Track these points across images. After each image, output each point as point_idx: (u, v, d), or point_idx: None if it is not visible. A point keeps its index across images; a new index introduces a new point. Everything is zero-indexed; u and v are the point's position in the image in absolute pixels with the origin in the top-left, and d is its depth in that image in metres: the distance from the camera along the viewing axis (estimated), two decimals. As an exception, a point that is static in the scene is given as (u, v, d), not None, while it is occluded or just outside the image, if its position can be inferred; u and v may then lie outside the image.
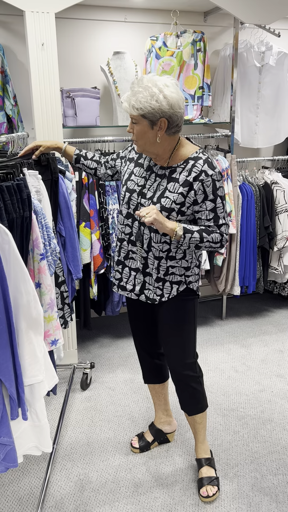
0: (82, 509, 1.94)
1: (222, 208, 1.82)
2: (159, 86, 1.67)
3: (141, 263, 1.90)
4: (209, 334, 3.40)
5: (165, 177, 1.83)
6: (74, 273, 2.19)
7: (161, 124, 1.71)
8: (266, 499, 1.97)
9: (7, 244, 1.34)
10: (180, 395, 2.06)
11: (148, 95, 1.66)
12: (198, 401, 2.04)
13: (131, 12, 3.15)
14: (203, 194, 1.78)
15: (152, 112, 1.67)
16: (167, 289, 1.90)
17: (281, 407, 2.57)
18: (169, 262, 1.87)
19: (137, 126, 1.74)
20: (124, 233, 1.94)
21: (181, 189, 1.78)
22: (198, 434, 2.10)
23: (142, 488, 2.04)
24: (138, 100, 1.67)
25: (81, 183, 2.79)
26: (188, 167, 1.79)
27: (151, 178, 1.86)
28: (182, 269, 1.90)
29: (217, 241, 1.82)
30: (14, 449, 1.44)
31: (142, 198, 1.85)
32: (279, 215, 3.32)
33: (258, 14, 2.92)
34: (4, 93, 2.79)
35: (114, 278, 2.03)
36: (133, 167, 1.92)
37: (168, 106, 1.67)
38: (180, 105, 1.70)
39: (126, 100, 1.72)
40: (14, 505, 1.97)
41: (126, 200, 1.90)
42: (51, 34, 2.42)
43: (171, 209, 1.79)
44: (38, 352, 1.47)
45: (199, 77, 3.13)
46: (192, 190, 1.77)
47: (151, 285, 1.92)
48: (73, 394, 2.72)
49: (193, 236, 1.77)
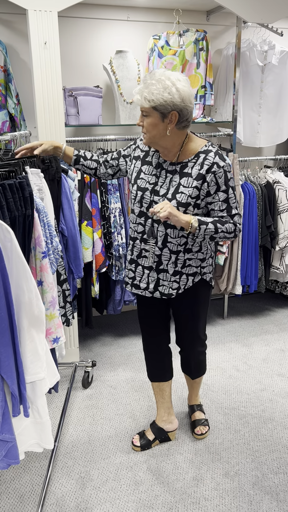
0: (83, 506, 1.95)
1: (234, 199, 1.87)
2: (171, 79, 1.70)
3: (154, 260, 1.93)
4: (210, 333, 3.40)
5: (177, 173, 1.85)
6: (75, 272, 2.20)
7: (172, 117, 1.73)
8: (267, 497, 1.98)
9: (9, 242, 1.35)
10: (188, 364, 2.26)
11: (161, 87, 1.68)
12: (202, 368, 2.30)
13: (134, 11, 3.15)
14: (216, 185, 1.82)
15: (164, 104, 1.69)
16: (183, 281, 1.97)
17: (282, 406, 2.58)
18: (186, 255, 1.93)
19: (147, 118, 1.76)
20: (136, 231, 1.97)
21: (195, 183, 1.81)
22: (194, 389, 2.41)
23: (143, 486, 2.05)
24: (150, 92, 1.69)
25: (83, 181, 2.80)
26: (200, 160, 1.82)
27: (162, 175, 1.88)
28: (198, 260, 1.97)
29: (231, 231, 1.87)
30: (15, 446, 1.45)
31: (155, 195, 1.87)
32: (281, 214, 3.32)
33: (261, 13, 2.92)
34: (7, 91, 2.79)
35: (127, 277, 2.06)
36: (141, 165, 1.93)
37: (180, 99, 1.70)
38: (191, 100, 1.73)
39: (138, 92, 1.74)
40: (15, 502, 1.97)
41: (138, 199, 1.91)
42: (53, 33, 2.42)
43: (187, 204, 1.82)
44: (40, 349, 1.48)
45: (202, 76, 3.12)
46: (205, 182, 1.81)
47: (165, 280, 1.96)
48: (75, 392, 2.73)
49: (208, 228, 1.81)
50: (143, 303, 2.12)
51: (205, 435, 2.34)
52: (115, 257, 2.95)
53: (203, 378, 2.81)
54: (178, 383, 2.77)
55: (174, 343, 2.31)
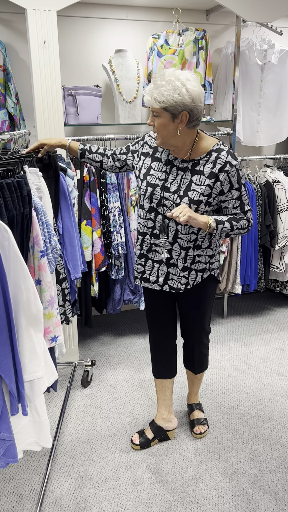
0: (82, 505, 1.95)
1: (246, 195, 1.91)
2: (181, 80, 1.70)
3: (165, 255, 1.97)
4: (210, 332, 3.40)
5: (188, 170, 1.87)
6: (72, 273, 2.19)
7: (182, 117, 1.75)
8: (266, 496, 1.98)
9: (7, 241, 1.35)
10: (191, 358, 2.28)
11: (171, 88, 1.69)
12: (204, 363, 2.32)
13: (133, 10, 3.15)
14: (229, 184, 1.85)
15: (174, 105, 1.71)
16: (192, 277, 2.00)
17: (281, 405, 2.58)
18: (196, 251, 1.96)
19: (158, 119, 1.77)
20: (146, 227, 1.99)
21: (208, 181, 1.84)
22: (195, 386, 2.41)
23: (142, 485, 2.05)
24: (161, 94, 1.70)
25: (83, 181, 2.80)
26: (212, 159, 1.84)
27: (172, 172, 1.90)
28: (208, 257, 2.01)
29: (245, 227, 1.92)
30: (14, 445, 1.45)
31: (165, 192, 1.89)
32: (281, 213, 3.31)
33: (260, 12, 2.92)
34: (6, 91, 2.79)
35: (137, 272, 2.10)
36: (150, 161, 1.95)
37: (190, 99, 1.71)
38: (201, 99, 1.75)
39: (148, 93, 1.75)
40: (14, 501, 1.98)
41: (148, 195, 1.93)
42: (52, 32, 2.42)
43: (199, 201, 1.85)
44: (38, 348, 1.48)
45: (201, 75, 3.12)
46: (219, 181, 1.84)
47: (175, 275, 1.99)
48: (74, 391, 2.73)
49: (225, 226, 1.86)
50: (152, 296, 2.14)
51: (204, 434, 2.34)
52: (115, 256, 2.95)
53: (203, 377, 2.82)
54: (178, 383, 2.77)
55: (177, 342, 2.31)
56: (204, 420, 2.39)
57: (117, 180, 2.89)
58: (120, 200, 2.92)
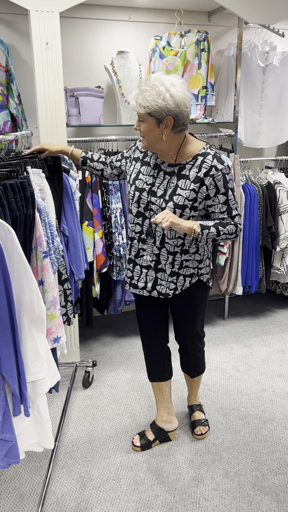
0: (83, 506, 1.95)
1: (233, 200, 1.88)
2: (165, 85, 1.70)
3: (152, 259, 1.95)
4: (211, 333, 3.40)
5: (174, 175, 1.86)
6: (76, 273, 2.20)
7: (167, 122, 1.74)
8: (267, 498, 1.98)
9: (11, 241, 1.35)
10: (187, 362, 2.27)
11: (155, 93, 1.69)
12: (200, 367, 2.30)
13: (135, 11, 3.15)
14: (215, 188, 1.83)
15: (159, 110, 1.70)
16: (180, 282, 1.98)
17: (282, 407, 2.58)
18: (183, 256, 1.94)
19: (143, 124, 1.78)
20: (134, 231, 1.99)
21: (193, 186, 1.82)
22: (193, 389, 2.41)
23: (143, 486, 2.05)
24: (145, 99, 1.70)
25: (84, 182, 2.80)
26: (198, 163, 1.83)
27: (159, 176, 1.89)
28: (196, 262, 1.98)
29: (232, 232, 1.89)
30: (16, 445, 1.45)
31: (152, 196, 1.89)
32: (282, 215, 3.32)
33: (262, 14, 2.92)
34: (9, 91, 2.80)
35: (126, 277, 2.09)
36: (140, 166, 1.95)
37: (175, 105, 1.70)
38: (186, 104, 1.73)
39: (133, 99, 1.75)
40: (15, 502, 1.98)
41: (136, 199, 1.93)
42: (55, 33, 2.43)
43: (184, 206, 1.83)
44: (41, 349, 1.48)
45: (203, 77, 3.13)
46: (204, 185, 1.82)
47: (163, 280, 1.98)
48: (75, 392, 2.73)
49: (210, 231, 1.83)
50: (141, 302, 2.14)
51: (205, 435, 2.34)
52: (116, 257, 2.95)
53: (203, 378, 2.82)
54: (178, 383, 2.77)
55: (173, 344, 2.31)
56: (205, 421, 2.39)
57: (119, 181, 2.89)
58: (121, 201, 2.92)
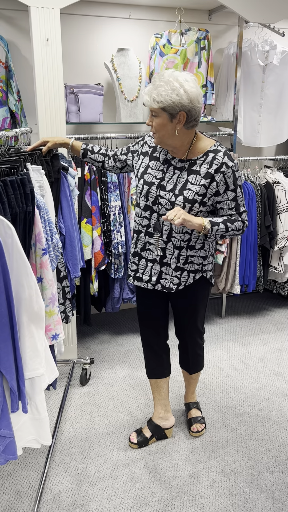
0: (80, 503, 1.96)
1: (241, 197, 1.92)
2: (180, 80, 1.73)
3: (158, 254, 1.97)
4: (208, 332, 3.41)
5: (185, 170, 1.89)
6: (72, 271, 2.19)
7: (180, 118, 1.77)
8: (263, 496, 1.99)
9: (10, 238, 1.35)
10: (186, 358, 2.28)
11: (170, 89, 1.72)
12: (199, 363, 2.31)
13: (136, 9, 3.15)
14: (225, 185, 1.86)
15: (172, 105, 1.73)
16: (184, 277, 2.01)
17: (279, 405, 2.59)
18: (189, 252, 1.97)
19: (156, 119, 1.80)
20: (141, 225, 2.01)
21: (203, 181, 1.85)
22: (191, 386, 2.42)
23: (140, 483, 2.06)
24: (159, 94, 1.73)
25: (83, 179, 2.80)
26: (209, 159, 1.86)
27: (169, 171, 1.92)
28: (200, 258, 2.01)
29: (240, 228, 1.92)
30: (13, 442, 1.45)
31: (161, 190, 1.91)
32: (280, 214, 3.32)
33: (263, 13, 2.92)
34: (8, 88, 2.79)
35: (130, 270, 2.11)
36: (149, 160, 1.97)
37: (188, 100, 1.73)
38: (199, 100, 1.77)
39: (147, 93, 1.78)
40: (12, 498, 1.98)
41: (144, 193, 1.95)
42: (55, 30, 2.42)
43: (194, 201, 1.86)
44: (39, 346, 1.48)
45: (203, 75, 3.13)
46: (214, 181, 1.85)
47: (168, 274, 2.00)
48: (72, 389, 2.73)
49: (220, 228, 1.86)
50: (144, 296, 2.15)
51: (202, 433, 2.35)
52: (114, 255, 2.95)
53: (200, 377, 2.83)
54: (175, 381, 2.78)
55: (172, 342, 2.32)
56: (201, 419, 2.40)
57: (118, 179, 2.89)
58: (120, 199, 2.92)
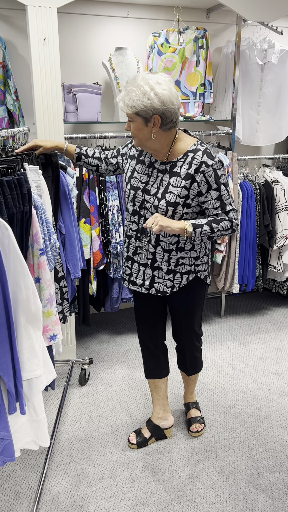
0: (79, 503, 1.95)
1: (227, 195, 1.87)
2: (150, 84, 1.72)
3: (147, 258, 1.96)
4: (207, 331, 3.40)
5: (167, 172, 1.87)
6: (72, 272, 2.19)
7: (155, 121, 1.76)
8: (262, 496, 1.98)
9: (7, 238, 1.34)
10: (183, 360, 2.27)
11: (140, 93, 1.71)
12: (197, 365, 2.30)
13: (134, 8, 3.14)
14: (206, 184, 1.82)
15: (145, 109, 1.72)
16: (177, 279, 1.99)
17: (278, 405, 2.58)
18: (179, 254, 1.95)
19: (133, 123, 1.80)
20: (131, 229, 2.00)
21: (184, 183, 1.82)
22: (190, 387, 2.41)
23: (139, 484, 2.05)
24: (131, 99, 1.72)
25: (82, 179, 2.79)
26: (188, 160, 1.83)
27: (153, 175, 1.90)
28: (192, 259, 1.98)
29: (228, 228, 1.87)
30: (11, 443, 1.45)
31: (146, 195, 1.90)
32: (279, 213, 3.32)
33: (261, 12, 2.91)
34: (5, 87, 2.78)
35: (124, 274, 2.10)
36: (135, 164, 1.96)
37: (160, 103, 1.72)
38: (172, 102, 1.74)
39: (121, 99, 1.78)
40: (11, 499, 1.98)
41: (131, 198, 1.95)
42: (53, 29, 2.41)
43: (176, 203, 1.84)
44: (37, 347, 1.48)
45: (201, 74, 3.12)
46: (195, 182, 1.82)
47: (161, 278, 1.99)
48: (71, 389, 2.73)
49: (204, 229, 1.82)
50: (140, 299, 2.15)
51: (201, 433, 2.34)
52: (113, 254, 2.94)
53: (199, 376, 2.82)
54: (174, 381, 2.77)
55: (170, 342, 2.31)
56: (200, 419, 2.39)
57: (116, 178, 2.89)
58: (119, 198, 2.91)
